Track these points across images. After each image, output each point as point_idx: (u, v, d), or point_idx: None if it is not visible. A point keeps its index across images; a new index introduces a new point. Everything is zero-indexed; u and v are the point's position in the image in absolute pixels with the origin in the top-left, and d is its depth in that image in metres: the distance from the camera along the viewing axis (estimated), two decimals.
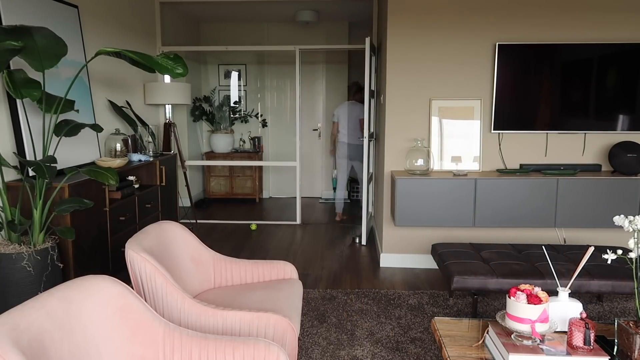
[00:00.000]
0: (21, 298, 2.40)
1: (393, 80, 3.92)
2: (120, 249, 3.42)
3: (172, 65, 2.64)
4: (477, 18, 3.81)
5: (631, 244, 1.79)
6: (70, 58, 3.25)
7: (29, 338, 1.30)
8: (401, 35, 3.86)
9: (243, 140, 7.02)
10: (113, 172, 2.64)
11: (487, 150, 3.94)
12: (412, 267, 4.03)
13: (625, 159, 3.72)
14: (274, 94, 7.04)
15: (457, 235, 3.95)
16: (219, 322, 1.96)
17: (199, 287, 2.43)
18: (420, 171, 3.76)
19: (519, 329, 1.74)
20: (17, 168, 2.83)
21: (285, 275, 2.56)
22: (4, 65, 2.32)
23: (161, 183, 4.22)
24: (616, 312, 3.14)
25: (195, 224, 5.23)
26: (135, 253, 1.98)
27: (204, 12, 6.12)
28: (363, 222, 4.70)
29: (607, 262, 1.86)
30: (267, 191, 7.18)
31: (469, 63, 3.86)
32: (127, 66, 4.32)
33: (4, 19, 2.83)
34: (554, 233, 3.82)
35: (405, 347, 2.68)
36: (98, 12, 3.94)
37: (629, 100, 3.79)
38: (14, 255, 2.45)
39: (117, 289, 1.62)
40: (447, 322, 2.12)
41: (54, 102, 2.70)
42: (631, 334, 1.68)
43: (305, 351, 2.64)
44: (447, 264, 2.99)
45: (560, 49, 3.75)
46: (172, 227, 2.40)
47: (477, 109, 3.89)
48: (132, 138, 4.23)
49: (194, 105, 6.43)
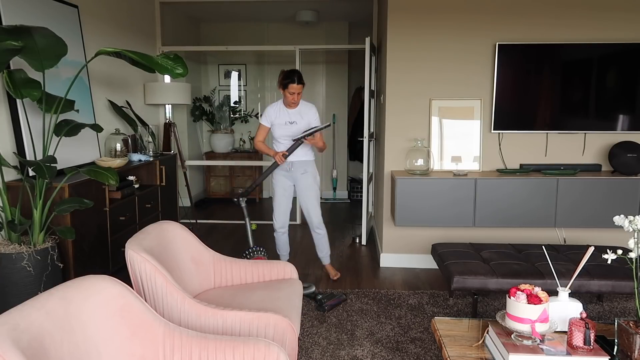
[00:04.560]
0: (21, 298, 2.39)
1: (393, 80, 3.91)
2: (120, 249, 3.42)
3: (172, 65, 2.64)
4: (477, 18, 3.81)
5: (631, 244, 1.79)
6: (70, 58, 3.24)
7: (29, 338, 1.30)
8: (401, 35, 3.86)
9: (243, 140, 7.02)
10: (113, 172, 2.64)
11: (487, 150, 3.94)
12: (412, 267, 4.03)
13: (625, 159, 3.72)
14: (274, 94, 7.03)
15: (457, 235, 3.95)
16: (219, 322, 1.96)
17: (199, 287, 2.43)
18: (420, 171, 3.76)
19: (519, 329, 1.74)
20: (17, 168, 2.83)
21: (285, 275, 2.56)
22: (4, 65, 2.32)
23: (161, 183, 4.22)
24: (616, 312, 3.14)
25: (195, 224, 5.23)
26: (135, 253, 1.98)
27: (204, 12, 6.12)
28: (363, 222, 4.70)
29: (607, 262, 1.85)
30: (267, 191, 7.18)
31: (469, 63, 3.86)
32: (127, 66, 4.31)
33: (4, 19, 2.83)
34: (554, 233, 3.82)
35: (405, 347, 2.68)
36: (98, 12, 3.93)
37: (629, 100, 3.79)
38: (14, 255, 2.45)
39: (117, 289, 1.62)
40: (447, 322, 2.12)
41: (54, 102, 2.70)
42: (631, 334, 1.68)
43: (305, 351, 2.64)
44: (447, 264, 2.98)
45: (560, 49, 3.75)
46: (172, 227, 2.40)
47: (477, 109, 3.89)
48: (132, 138, 4.23)
49: (194, 105, 6.43)
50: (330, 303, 3.18)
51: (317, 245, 3.73)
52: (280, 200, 3.62)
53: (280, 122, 3.51)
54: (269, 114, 3.53)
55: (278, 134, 3.53)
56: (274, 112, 3.53)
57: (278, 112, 3.52)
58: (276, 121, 3.52)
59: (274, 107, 3.55)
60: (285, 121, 3.50)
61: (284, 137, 3.52)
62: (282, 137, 3.53)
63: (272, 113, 3.53)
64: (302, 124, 3.51)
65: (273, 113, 3.52)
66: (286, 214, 3.64)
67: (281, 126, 3.51)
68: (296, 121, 3.50)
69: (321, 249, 3.74)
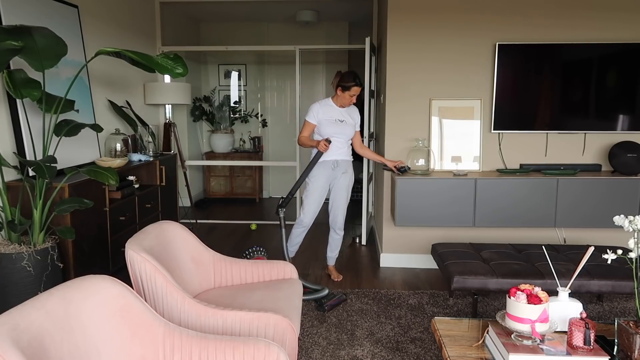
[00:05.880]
0: (21, 298, 2.39)
1: (393, 80, 3.91)
2: (120, 249, 3.42)
3: (172, 65, 2.64)
4: (477, 18, 3.81)
5: (631, 244, 1.79)
6: (70, 58, 3.25)
7: (29, 338, 1.30)
8: (401, 35, 3.86)
9: (243, 140, 7.02)
10: (113, 172, 2.64)
11: (487, 150, 3.94)
12: (412, 267, 4.03)
13: (625, 159, 3.72)
14: (274, 94, 7.04)
15: (457, 235, 3.94)
16: (219, 322, 1.96)
17: (199, 287, 2.43)
18: (420, 171, 3.76)
19: (519, 329, 1.74)
20: (17, 168, 2.83)
21: (285, 275, 2.56)
22: (4, 65, 2.32)
23: (161, 183, 4.22)
24: (616, 312, 3.14)
25: (195, 224, 5.23)
26: (135, 253, 1.98)
27: (204, 12, 6.12)
28: (363, 222, 4.70)
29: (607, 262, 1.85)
30: (267, 191, 7.18)
31: (469, 63, 3.86)
32: (127, 66, 4.31)
33: (4, 19, 2.83)
34: (554, 233, 3.82)
35: (405, 347, 2.68)
36: (98, 12, 3.93)
37: (629, 100, 3.79)
38: (14, 255, 2.45)
39: (117, 289, 1.62)
40: (447, 322, 2.12)
41: (54, 102, 2.70)
42: (631, 334, 1.68)
43: (305, 351, 2.64)
44: (447, 264, 2.98)
45: (560, 48, 3.75)
46: (172, 227, 2.40)
47: (477, 109, 3.89)
48: (132, 138, 4.23)
49: (194, 105, 6.43)
50: (330, 303, 3.18)
51: (331, 245, 3.75)
52: (316, 199, 3.56)
53: (330, 119, 3.49)
54: (316, 111, 3.50)
55: (328, 131, 3.48)
56: (322, 109, 3.51)
57: (327, 110, 3.51)
58: (324, 118, 3.49)
59: (322, 104, 3.54)
60: (335, 119, 3.49)
61: (334, 135, 3.48)
62: (333, 134, 3.48)
63: (320, 110, 3.50)
64: (350, 123, 3.54)
65: (321, 110, 3.50)
66: (316, 214, 3.63)
67: (331, 123, 3.49)
68: (345, 120, 3.52)
69: (333, 249, 3.76)
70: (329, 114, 3.50)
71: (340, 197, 3.62)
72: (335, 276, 3.75)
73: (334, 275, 3.75)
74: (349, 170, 3.60)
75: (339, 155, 3.52)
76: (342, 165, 3.55)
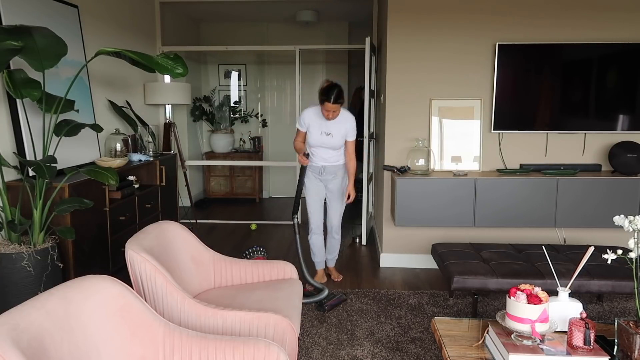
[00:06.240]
0: (21, 298, 2.39)
1: (393, 80, 3.91)
2: (120, 249, 3.42)
3: (172, 65, 2.64)
4: (477, 18, 3.80)
5: (631, 244, 1.79)
6: (70, 58, 3.25)
7: (29, 338, 1.30)
8: (401, 35, 3.86)
9: (243, 140, 7.02)
10: (113, 172, 2.64)
11: (487, 150, 3.94)
12: (412, 267, 4.03)
13: (625, 159, 3.72)
14: (274, 94, 7.04)
15: (457, 235, 3.94)
16: (219, 322, 1.96)
17: (199, 287, 2.43)
18: (420, 171, 3.76)
19: (519, 329, 1.74)
20: (17, 168, 2.83)
21: (285, 275, 2.56)
22: (4, 65, 2.32)
23: (161, 183, 4.22)
24: (616, 312, 3.14)
25: (195, 224, 5.23)
26: (135, 253, 1.98)
27: (204, 12, 6.12)
28: (363, 222, 4.70)
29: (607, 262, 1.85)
30: (267, 191, 7.18)
31: (469, 63, 3.86)
32: (127, 66, 4.31)
33: (4, 19, 2.83)
34: (554, 233, 3.82)
35: (405, 347, 2.68)
36: (98, 12, 3.93)
37: (629, 100, 3.79)
38: (14, 255, 2.45)
39: (117, 289, 1.62)
40: (447, 322, 2.12)
41: (54, 102, 2.70)
42: (631, 334, 1.68)
43: (305, 351, 2.64)
44: (447, 264, 2.98)
45: (561, 48, 3.75)
46: (172, 227, 2.40)
47: (477, 109, 3.89)
48: (132, 138, 4.23)
49: (194, 105, 6.43)
50: (330, 303, 3.18)
51: (328, 248, 3.71)
52: (313, 201, 3.56)
53: (317, 130, 3.37)
54: (304, 119, 3.39)
55: (314, 140, 3.39)
56: (310, 117, 3.38)
57: (314, 119, 3.37)
58: (312, 127, 3.38)
59: (311, 111, 3.38)
60: (322, 131, 3.36)
61: (317, 147, 3.40)
62: (316, 147, 3.40)
63: (308, 118, 3.38)
64: (338, 136, 3.37)
65: (308, 118, 3.38)
66: (320, 214, 3.59)
67: (317, 134, 3.37)
68: (332, 133, 3.35)
69: (331, 252, 3.73)
70: (317, 123, 3.36)
71: (331, 201, 3.59)
72: (335, 276, 3.75)
73: (334, 276, 3.75)
74: (339, 173, 3.51)
75: (326, 162, 3.46)
76: (329, 170, 3.49)
